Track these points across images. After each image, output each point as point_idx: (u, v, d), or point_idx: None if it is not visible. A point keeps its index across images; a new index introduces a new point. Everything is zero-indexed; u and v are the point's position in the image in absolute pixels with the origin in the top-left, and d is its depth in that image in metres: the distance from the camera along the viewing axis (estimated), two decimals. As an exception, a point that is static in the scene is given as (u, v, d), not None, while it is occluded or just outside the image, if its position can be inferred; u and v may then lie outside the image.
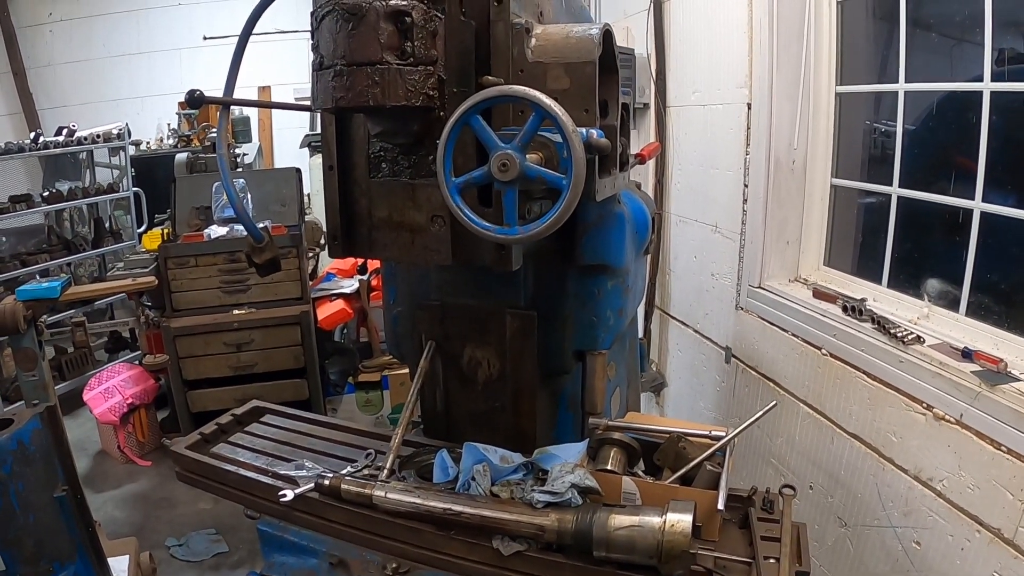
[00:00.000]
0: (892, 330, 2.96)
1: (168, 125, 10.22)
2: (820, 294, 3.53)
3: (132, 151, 8.68)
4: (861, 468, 3.17)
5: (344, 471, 2.26)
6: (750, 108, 3.90)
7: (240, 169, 8.65)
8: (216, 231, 5.83)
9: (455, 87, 1.92)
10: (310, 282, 6.20)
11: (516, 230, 1.72)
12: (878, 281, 3.41)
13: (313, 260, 7.05)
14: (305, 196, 6.76)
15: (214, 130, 8.76)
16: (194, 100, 2.48)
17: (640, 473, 2.26)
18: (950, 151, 3.09)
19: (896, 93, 3.24)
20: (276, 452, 2.57)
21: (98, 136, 7.93)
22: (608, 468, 2.17)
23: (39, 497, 2.83)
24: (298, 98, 9.83)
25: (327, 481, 2.15)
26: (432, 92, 1.89)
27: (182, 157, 8.06)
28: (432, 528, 2.03)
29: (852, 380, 3.18)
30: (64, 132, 7.76)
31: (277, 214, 6.15)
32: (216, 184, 6.11)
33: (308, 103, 2.07)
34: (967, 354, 2.70)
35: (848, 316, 3.24)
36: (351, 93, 1.81)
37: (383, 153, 2.12)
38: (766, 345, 3.87)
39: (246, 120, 10.41)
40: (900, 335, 2.91)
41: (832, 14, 3.59)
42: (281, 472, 2.35)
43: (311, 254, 6.84)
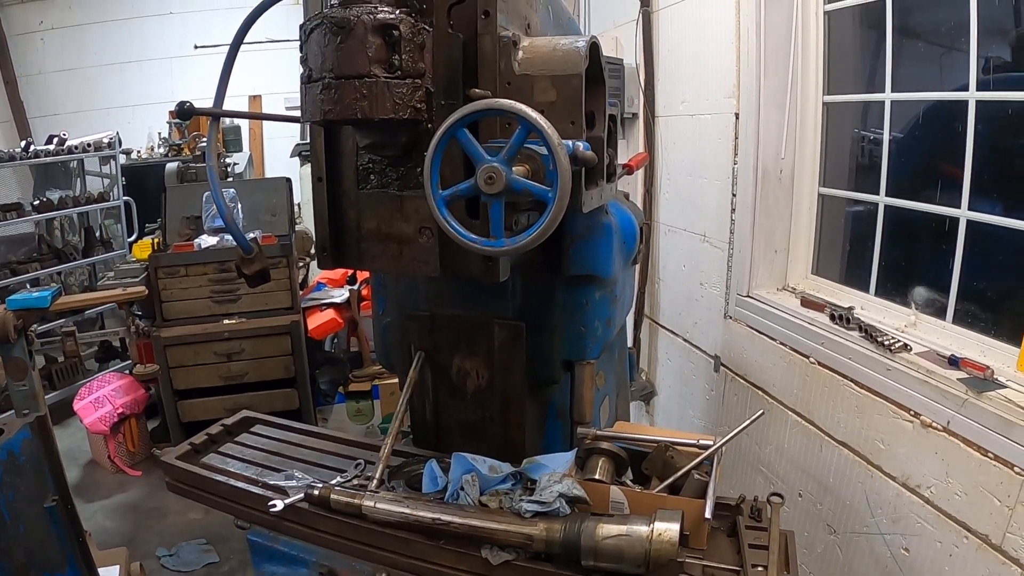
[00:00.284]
0: (879, 338, 2.97)
1: (159, 134, 10.18)
2: (808, 303, 3.54)
3: (123, 160, 8.66)
4: (849, 475, 3.18)
5: (334, 481, 2.26)
6: (738, 118, 3.93)
7: (231, 178, 8.61)
8: (206, 241, 5.81)
9: (443, 100, 1.92)
10: (300, 292, 6.19)
11: (502, 242, 1.72)
12: (866, 289, 3.43)
13: (303, 270, 7.05)
14: (296, 206, 6.75)
15: (204, 139, 8.76)
16: (184, 112, 2.50)
17: (628, 482, 2.27)
18: (936, 160, 3.12)
19: (883, 102, 3.26)
20: (266, 462, 2.57)
21: (89, 145, 7.91)
22: (596, 477, 2.17)
23: (29, 507, 2.82)
24: (288, 108, 9.84)
25: (317, 491, 2.16)
26: (420, 105, 1.90)
27: (172, 166, 8.05)
28: (421, 538, 2.03)
29: (840, 388, 3.19)
30: (55, 141, 7.74)
31: (267, 224, 6.13)
32: (206, 194, 6.07)
33: (298, 114, 2.07)
34: (954, 361, 2.72)
35: (836, 324, 3.26)
36: (339, 106, 1.81)
37: (372, 165, 2.13)
38: (755, 354, 3.88)
39: (237, 129, 10.38)
40: (887, 343, 2.93)
41: (819, 24, 3.61)
42: (271, 482, 2.35)
43: (301, 264, 6.84)
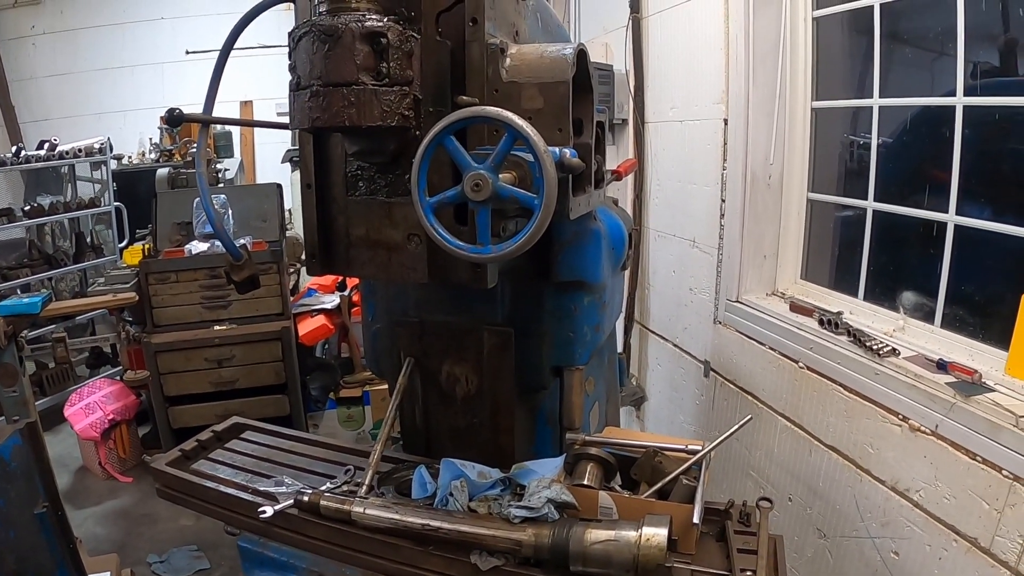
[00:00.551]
0: (868, 343, 2.98)
1: (150, 140, 10.16)
2: (797, 308, 3.55)
3: (114, 165, 8.63)
4: (839, 480, 3.19)
5: (323, 487, 2.26)
6: (727, 124, 3.94)
7: (221, 184, 8.62)
8: (197, 247, 5.79)
9: (431, 107, 1.92)
10: (291, 298, 6.17)
11: (489, 249, 1.72)
12: (854, 294, 3.45)
13: (294, 275, 7.03)
14: (287, 211, 6.74)
15: (196, 145, 8.74)
16: (174, 119, 2.50)
17: (617, 488, 2.27)
18: (925, 165, 3.14)
19: (871, 108, 3.28)
20: (256, 468, 2.56)
21: (80, 150, 7.87)
22: (584, 483, 2.17)
23: (20, 513, 2.82)
24: (280, 113, 9.75)
25: (306, 497, 2.16)
26: (407, 112, 1.90)
27: (163, 172, 8.00)
28: (410, 544, 2.04)
29: (829, 393, 3.20)
30: (46, 146, 7.69)
31: (258, 229, 6.11)
32: (197, 200, 6.02)
33: (287, 120, 2.08)
34: (942, 365, 2.73)
35: (824, 329, 3.27)
36: (327, 113, 1.82)
37: (360, 172, 2.13)
38: (744, 359, 3.89)
39: (228, 135, 10.36)
40: (876, 347, 2.94)
41: (807, 30, 3.63)
42: (261, 488, 2.35)
43: (292, 270, 6.82)
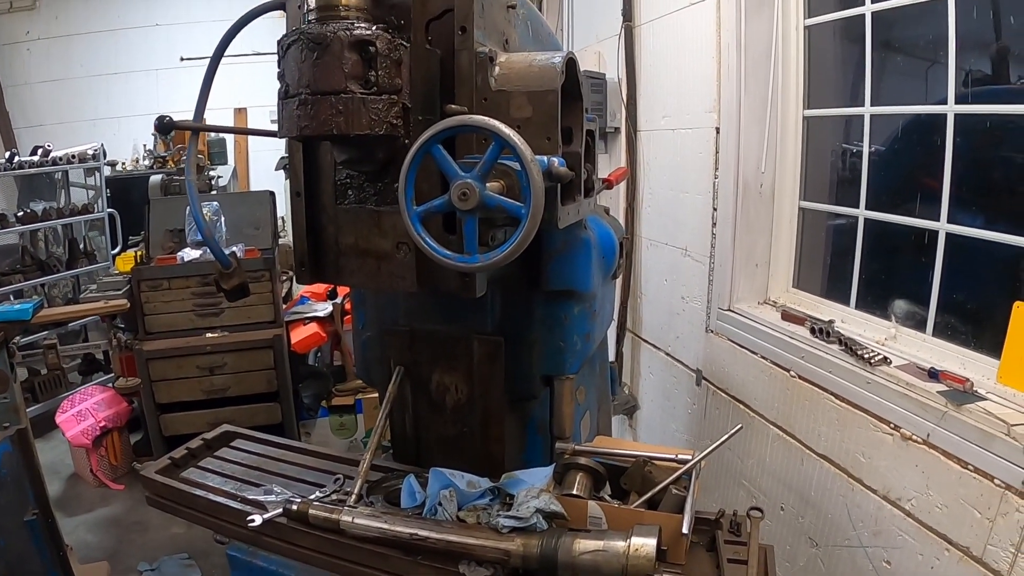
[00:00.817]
0: (859, 351, 2.98)
1: (144, 146, 10.14)
2: (789, 316, 3.55)
3: (107, 172, 8.64)
4: (831, 489, 3.19)
5: (312, 496, 2.25)
6: (718, 132, 3.94)
7: (214, 191, 8.59)
8: (189, 254, 5.78)
9: (420, 115, 1.91)
10: (284, 305, 6.16)
11: (476, 258, 1.71)
12: (846, 303, 3.45)
13: (287, 283, 7.02)
14: (279, 219, 6.73)
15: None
16: (163, 126, 2.49)
17: (607, 497, 2.26)
18: (916, 173, 3.14)
19: (863, 116, 3.28)
20: (246, 477, 2.56)
21: (73, 156, 7.88)
22: (574, 493, 2.16)
23: (10, 521, 2.81)
24: (274, 120, 9.76)
25: (295, 506, 2.15)
26: (396, 121, 1.90)
27: (156, 179, 8.01)
28: (399, 553, 2.03)
29: (820, 401, 3.20)
30: (39, 152, 7.68)
31: (251, 237, 6.12)
32: (190, 207, 6.05)
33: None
34: (934, 374, 2.73)
35: (816, 338, 3.27)
36: (315, 122, 1.82)
37: (349, 180, 2.13)
38: (736, 367, 3.89)
39: (222, 142, 10.36)
40: (867, 356, 2.94)
41: (799, 38, 3.64)
42: (250, 497, 2.34)
43: (285, 277, 6.81)
